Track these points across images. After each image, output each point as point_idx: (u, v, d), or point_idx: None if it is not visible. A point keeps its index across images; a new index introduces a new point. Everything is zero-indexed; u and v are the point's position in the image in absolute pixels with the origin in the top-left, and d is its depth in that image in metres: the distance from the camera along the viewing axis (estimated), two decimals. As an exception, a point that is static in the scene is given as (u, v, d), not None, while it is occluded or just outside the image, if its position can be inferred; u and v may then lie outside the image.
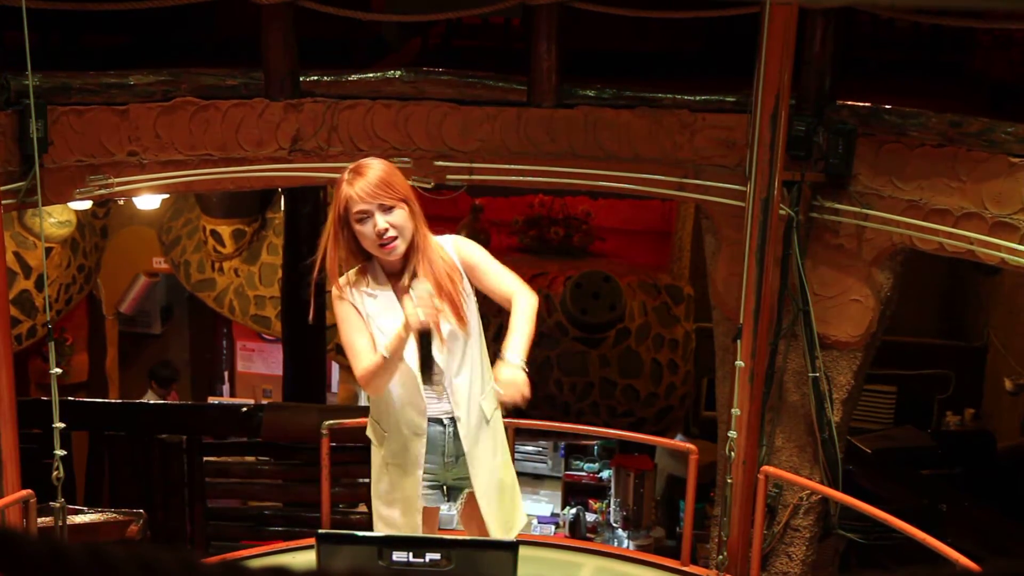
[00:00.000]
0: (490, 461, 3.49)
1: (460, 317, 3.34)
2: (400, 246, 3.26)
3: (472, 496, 3.48)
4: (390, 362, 3.22)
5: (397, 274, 3.37)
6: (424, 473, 3.45)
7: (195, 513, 6.42)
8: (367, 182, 3.25)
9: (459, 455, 3.44)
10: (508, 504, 3.58)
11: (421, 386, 3.35)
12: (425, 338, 3.18)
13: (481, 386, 3.45)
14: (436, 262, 3.34)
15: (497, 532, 3.49)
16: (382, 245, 3.25)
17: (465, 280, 3.41)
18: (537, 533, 8.30)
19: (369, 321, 3.33)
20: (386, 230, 3.23)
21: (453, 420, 3.41)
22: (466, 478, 3.47)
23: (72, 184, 4.86)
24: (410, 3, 5.65)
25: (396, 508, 3.48)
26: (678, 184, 5.12)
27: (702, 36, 5.92)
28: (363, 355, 3.28)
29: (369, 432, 3.60)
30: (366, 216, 3.24)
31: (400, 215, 3.26)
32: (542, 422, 6.87)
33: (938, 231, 4.52)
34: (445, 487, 3.51)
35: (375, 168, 3.30)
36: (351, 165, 3.36)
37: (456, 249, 3.43)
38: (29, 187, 4.52)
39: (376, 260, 3.37)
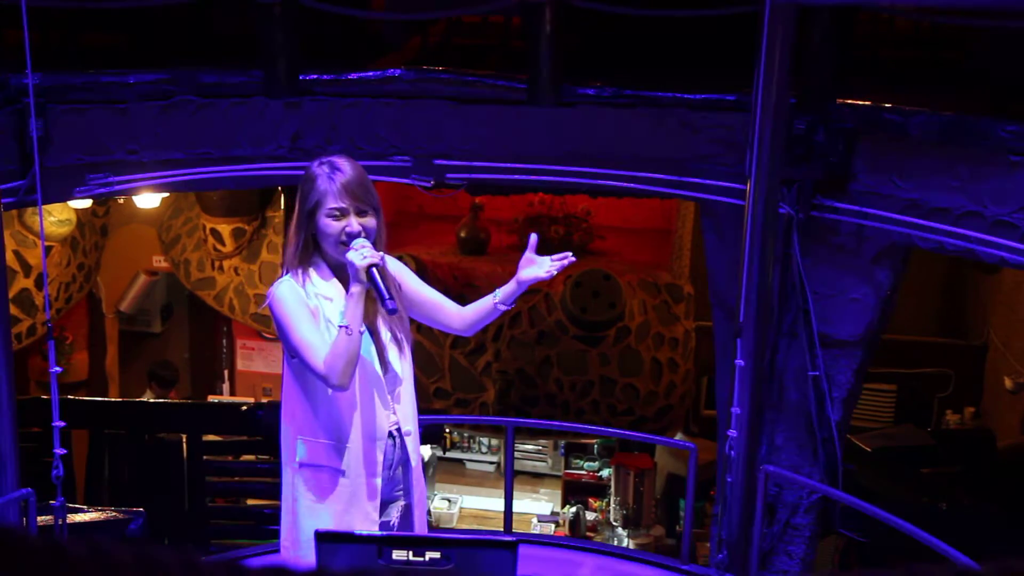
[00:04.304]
0: (421, 475, 3.48)
1: (406, 330, 3.34)
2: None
3: (407, 509, 3.43)
4: (353, 337, 3.08)
5: (344, 280, 3.25)
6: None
7: (195, 513, 6.42)
8: (349, 181, 3.18)
9: (398, 465, 3.37)
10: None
11: (385, 385, 3.30)
12: (377, 275, 3.11)
13: (415, 403, 3.42)
14: (388, 273, 3.27)
15: None
16: (344, 243, 3.16)
17: (418, 294, 3.44)
18: (537, 532, 8.31)
19: (329, 328, 3.19)
20: (359, 233, 3.16)
21: (399, 432, 3.35)
22: (401, 489, 3.41)
23: (72, 183, 4.86)
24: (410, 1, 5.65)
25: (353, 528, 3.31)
26: (678, 183, 5.12)
27: (702, 35, 5.92)
28: (320, 345, 3.12)
29: (304, 455, 3.30)
30: (340, 214, 3.17)
31: (373, 222, 3.20)
32: (542, 420, 6.88)
33: (938, 230, 4.52)
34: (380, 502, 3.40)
35: (356, 168, 3.24)
36: (323, 160, 3.26)
37: (392, 267, 3.40)
38: (29, 186, 4.52)
39: (323, 264, 3.26)
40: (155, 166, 5.03)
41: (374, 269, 3.09)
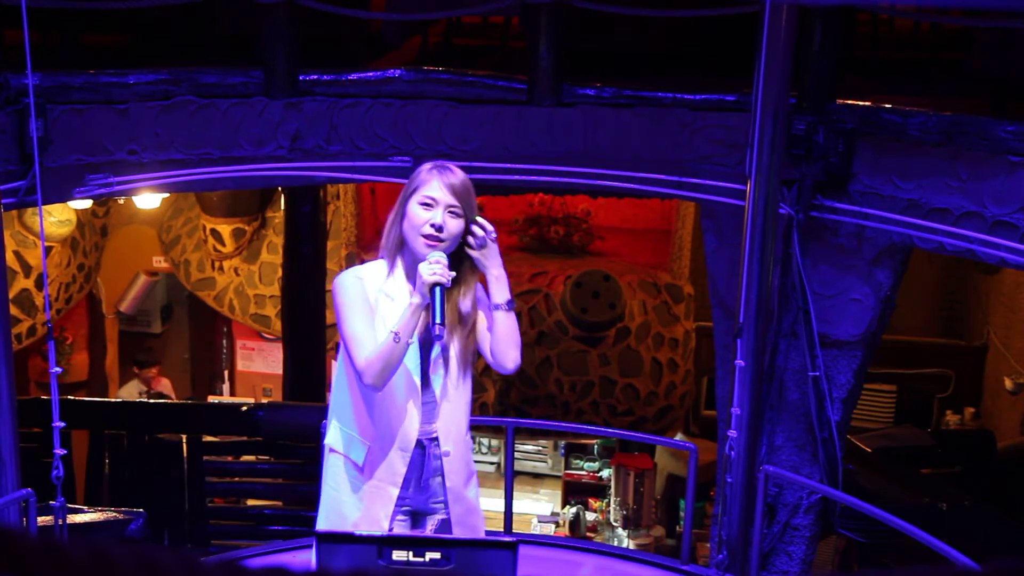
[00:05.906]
0: (465, 491, 3.42)
1: (467, 348, 3.30)
2: (440, 248, 3.18)
3: (444, 524, 3.39)
4: (399, 345, 3.10)
5: (412, 283, 3.25)
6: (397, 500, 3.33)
7: (195, 513, 6.42)
8: (454, 179, 3.21)
9: (432, 476, 3.35)
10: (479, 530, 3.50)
11: (421, 396, 3.28)
12: (440, 295, 3.11)
13: (464, 424, 3.38)
14: (470, 294, 3.29)
15: None
16: (425, 236, 3.17)
17: (481, 325, 3.35)
18: (537, 532, 8.30)
19: (382, 324, 3.19)
20: (441, 227, 3.16)
21: (435, 440, 3.32)
22: (439, 502, 3.38)
23: (72, 183, 4.86)
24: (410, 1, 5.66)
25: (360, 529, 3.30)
26: (678, 183, 5.12)
27: (702, 35, 5.92)
28: (367, 342, 3.14)
29: (334, 440, 3.37)
30: (431, 205, 3.18)
31: (458, 226, 3.20)
32: (542, 421, 6.88)
33: (938, 230, 4.52)
34: (414, 512, 3.39)
35: (462, 175, 3.26)
36: (436, 162, 3.29)
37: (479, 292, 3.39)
38: (29, 186, 4.52)
39: (402, 262, 3.26)
40: (155, 166, 5.03)
41: (437, 288, 3.10)
